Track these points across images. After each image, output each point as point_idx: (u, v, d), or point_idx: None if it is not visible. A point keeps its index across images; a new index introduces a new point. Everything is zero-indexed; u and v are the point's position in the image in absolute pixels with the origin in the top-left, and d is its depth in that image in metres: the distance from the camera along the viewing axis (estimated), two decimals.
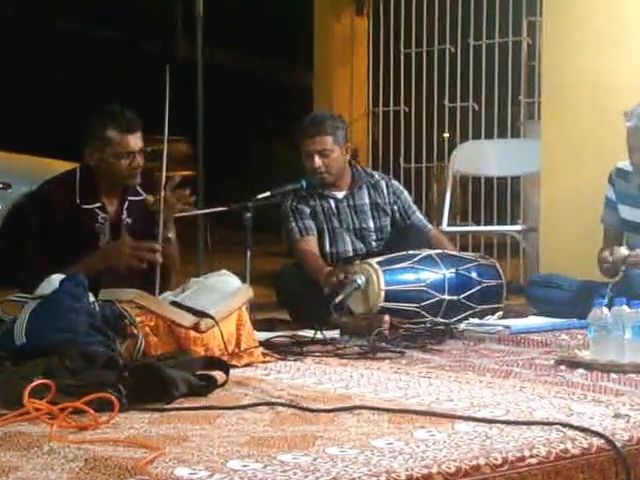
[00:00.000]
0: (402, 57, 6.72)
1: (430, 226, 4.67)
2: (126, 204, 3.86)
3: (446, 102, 6.56)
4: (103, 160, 3.77)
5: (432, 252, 4.19)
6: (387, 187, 4.57)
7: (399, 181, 4.96)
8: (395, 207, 4.55)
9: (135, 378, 2.60)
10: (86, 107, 3.89)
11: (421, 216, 4.62)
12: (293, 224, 4.41)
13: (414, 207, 4.61)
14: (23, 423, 2.39)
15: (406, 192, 4.66)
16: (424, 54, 6.63)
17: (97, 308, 3.04)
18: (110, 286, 3.34)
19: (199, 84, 5.22)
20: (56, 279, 3.09)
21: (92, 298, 3.06)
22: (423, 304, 4.03)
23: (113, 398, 2.45)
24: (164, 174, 3.74)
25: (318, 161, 4.37)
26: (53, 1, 13.68)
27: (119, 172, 3.77)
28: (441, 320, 4.00)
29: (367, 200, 4.52)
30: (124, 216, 3.85)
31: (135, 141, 3.77)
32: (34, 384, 2.47)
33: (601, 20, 4.97)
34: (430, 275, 4.09)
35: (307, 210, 4.44)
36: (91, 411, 2.40)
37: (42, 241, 3.74)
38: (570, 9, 5.09)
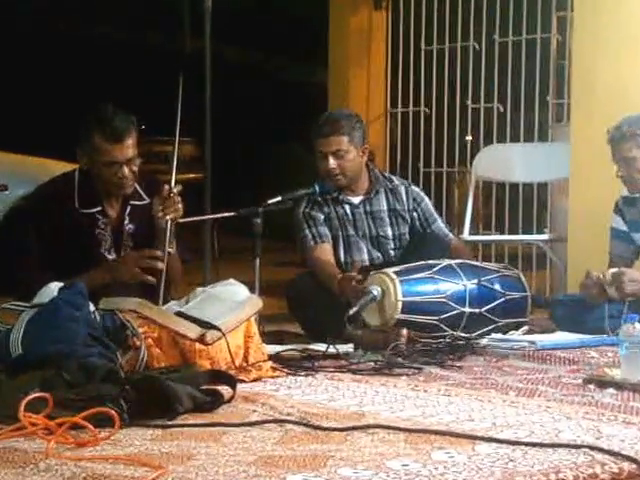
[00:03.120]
0: (423, 54, 6.72)
1: (451, 235, 4.66)
2: (128, 209, 3.87)
3: (469, 103, 6.55)
4: (90, 165, 3.79)
5: (453, 262, 4.18)
6: (407, 193, 4.57)
7: (418, 186, 4.96)
8: (415, 214, 4.55)
9: (137, 392, 2.62)
10: (87, 106, 3.89)
11: (442, 225, 4.62)
12: (306, 231, 4.42)
13: (435, 215, 4.61)
14: (18, 439, 2.40)
15: (427, 199, 4.66)
16: (446, 51, 6.63)
17: (97, 318, 3.05)
18: (111, 295, 3.35)
19: (207, 82, 5.24)
20: (54, 287, 3.11)
21: (92, 307, 3.08)
22: (443, 317, 4.03)
23: (113, 413, 2.46)
24: (174, 177, 3.75)
25: (332, 162, 4.37)
26: None
27: (105, 181, 3.77)
28: (462, 334, 3.99)
29: (385, 206, 4.52)
30: (126, 221, 3.86)
31: (122, 151, 3.71)
32: (30, 397, 2.49)
33: (637, 15, 4.96)
34: (450, 286, 4.09)
35: (321, 216, 4.45)
36: (90, 427, 2.41)
37: (40, 247, 3.75)
38: (603, 4, 5.09)
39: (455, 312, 4.05)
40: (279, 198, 4.24)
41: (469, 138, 6.67)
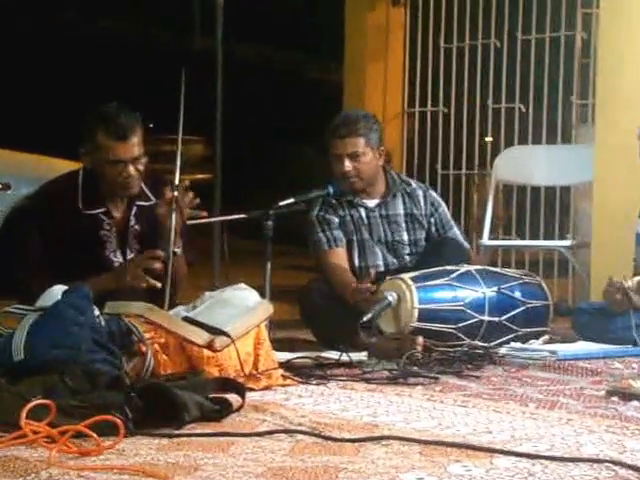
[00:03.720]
0: (442, 52, 6.72)
1: (467, 245, 4.65)
2: (134, 210, 3.87)
3: (489, 103, 6.54)
4: (94, 165, 3.78)
5: (472, 268, 4.18)
6: (424, 197, 4.57)
7: (435, 189, 4.96)
8: (432, 220, 4.54)
9: (142, 400, 2.62)
10: (92, 103, 3.89)
11: (459, 232, 4.61)
12: (320, 234, 4.42)
13: (452, 222, 4.61)
14: (20, 447, 2.41)
15: (444, 205, 4.66)
16: (466, 49, 6.63)
17: (102, 322, 3.06)
18: (117, 299, 3.36)
19: (218, 79, 5.26)
20: (58, 290, 3.12)
21: (97, 311, 3.08)
22: (460, 325, 4.02)
23: (118, 421, 2.47)
24: (178, 176, 3.75)
25: (348, 165, 4.37)
26: None
27: (111, 181, 3.76)
28: (480, 343, 3.99)
29: (402, 210, 4.52)
30: (132, 223, 3.86)
31: (127, 149, 3.71)
32: (32, 404, 2.49)
33: None
34: (469, 293, 4.08)
35: (336, 219, 4.45)
36: (94, 435, 2.41)
37: (43, 248, 3.76)
38: (630, 1, 5.07)
39: (473, 320, 4.05)
40: (291, 200, 4.24)
41: (489, 139, 6.66)
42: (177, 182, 3.73)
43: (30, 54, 13.28)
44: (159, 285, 3.64)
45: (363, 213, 4.48)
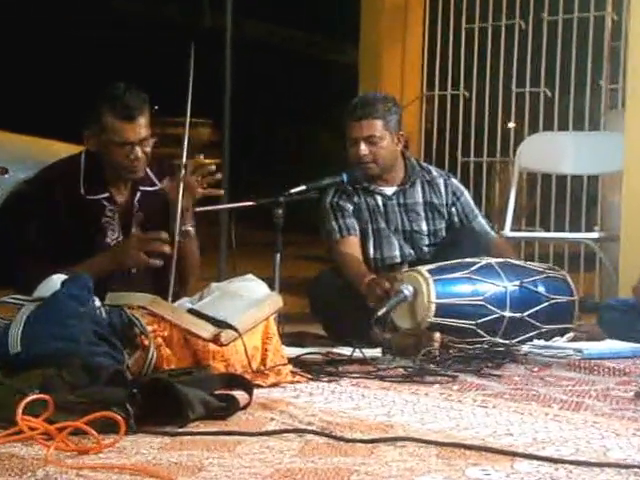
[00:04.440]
0: (463, 33, 6.70)
1: (493, 233, 4.65)
2: (138, 195, 3.88)
3: (513, 87, 6.53)
4: (99, 147, 3.79)
5: (493, 261, 4.17)
6: (445, 185, 4.56)
7: (455, 178, 4.95)
8: (453, 209, 4.53)
9: (145, 396, 2.62)
10: (96, 84, 3.90)
11: (484, 221, 4.60)
12: (333, 223, 4.42)
13: (476, 210, 4.60)
14: (15, 444, 2.41)
15: (467, 192, 4.65)
16: (489, 30, 6.61)
17: (103, 314, 3.06)
18: (119, 289, 3.36)
19: (227, 59, 5.25)
20: (57, 279, 3.12)
21: (98, 303, 3.09)
22: (480, 321, 4.02)
23: (119, 418, 2.47)
24: (184, 159, 3.75)
25: (364, 149, 4.37)
26: None
27: (117, 164, 3.78)
28: (501, 340, 3.99)
29: (421, 199, 4.51)
30: (135, 209, 3.87)
31: (135, 130, 3.73)
32: (29, 399, 2.49)
33: None
34: (489, 288, 4.08)
35: (350, 207, 4.45)
36: (93, 432, 2.42)
37: (42, 236, 3.77)
38: None
39: (494, 316, 4.04)
40: (303, 187, 4.23)
41: (512, 125, 6.65)
42: (184, 161, 3.74)
43: (30, 32, 13.30)
44: (160, 263, 3.65)
45: (380, 201, 4.47)
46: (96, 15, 13.97)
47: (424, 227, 4.48)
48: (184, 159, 3.75)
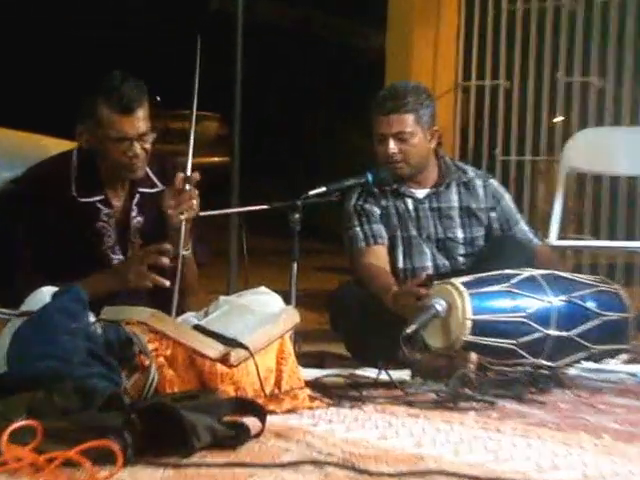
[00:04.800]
0: (504, 15, 6.71)
1: (537, 240, 4.65)
2: (136, 198, 3.90)
3: (560, 76, 6.53)
4: (94, 144, 3.81)
5: (536, 273, 4.17)
6: (484, 187, 4.57)
7: (495, 179, 4.95)
8: (493, 214, 4.54)
9: (145, 422, 2.63)
10: (92, 74, 3.92)
11: (526, 228, 4.61)
12: (357, 229, 4.43)
13: (518, 216, 4.61)
14: (0, 476, 2.42)
15: (508, 195, 4.65)
16: (534, 12, 6.62)
17: (98, 330, 3.08)
18: (116, 303, 3.38)
19: (238, 45, 5.27)
20: (47, 291, 3.14)
21: (92, 318, 3.10)
22: (522, 340, 4.02)
23: (116, 448, 2.48)
24: (190, 160, 3.76)
25: (393, 146, 4.38)
26: None
27: (113, 162, 3.80)
28: (545, 362, 3.99)
29: (456, 202, 4.52)
30: (134, 213, 3.90)
31: (133, 124, 3.75)
32: (15, 426, 2.51)
33: None
34: (532, 303, 4.07)
35: (377, 211, 4.46)
36: (87, 463, 2.43)
37: (30, 242, 3.79)
38: None
39: (537, 335, 4.04)
40: (323, 189, 4.23)
41: (559, 119, 6.65)
42: (189, 170, 3.74)
43: (17, 20, 13.37)
44: (167, 284, 3.67)
45: (410, 205, 4.48)
46: None
47: (460, 234, 4.49)
48: (189, 166, 3.75)
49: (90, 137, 3.81)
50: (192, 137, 3.84)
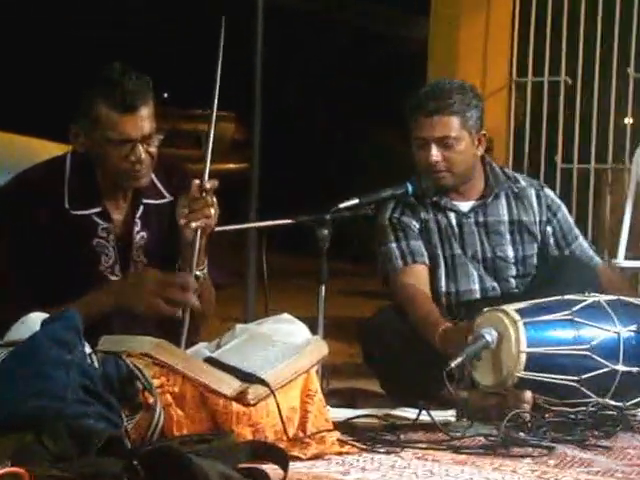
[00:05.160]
0: (565, 2, 6.70)
1: (598, 259, 4.64)
2: (140, 210, 3.90)
3: (631, 71, 6.52)
4: (91, 147, 3.79)
5: (602, 298, 4.16)
6: (537, 198, 4.57)
7: (553, 188, 4.95)
8: (548, 229, 4.54)
9: (148, 470, 2.64)
10: (90, 68, 3.91)
11: (586, 244, 4.61)
12: (393, 245, 4.43)
13: (577, 231, 4.60)
14: None
15: (564, 207, 4.65)
16: None
17: (96, 363, 3.08)
18: (116, 331, 3.39)
19: (258, 36, 5.28)
20: (36, 318, 3.15)
21: (89, 348, 3.11)
22: (585, 377, 4.00)
23: None
24: (208, 167, 3.75)
25: (436, 153, 4.37)
26: None
27: (113, 168, 3.77)
28: (611, 402, 3.98)
29: (506, 216, 4.51)
30: (137, 228, 3.89)
31: (136, 124, 3.73)
32: (0, 472, 2.51)
33: None
34: (597, 333, 4.06)
35: (416, 225, 4.46)
36: None
37: (17, 260, 3.79)
38: None
39: (603, 370, 4.03)
40: (355, 200, 4.23)
41: (629, 121, 6.63)
42: (206, 176, 3.74)
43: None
44: (179, 314, 3.65)
45: (454, 219, 4.48)
46: None
47: (510, 253, 4.49)
48: (206, 174, 3.75)
49: (86, 139, 3.80)
50: (211, 138, 3.84)
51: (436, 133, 4.37)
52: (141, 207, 3.89)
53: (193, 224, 3.71)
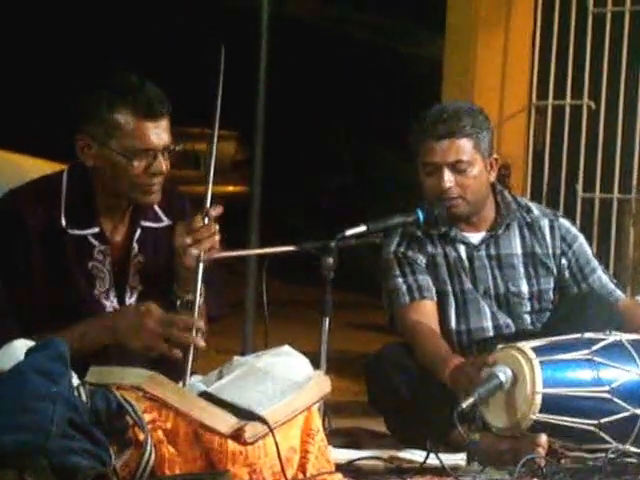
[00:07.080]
0: (590, 20, 6.71)
1: (619, 293, 4.63)
2: (138, 232, 3.89)
3: None
4: (104, 159, 3.75)
5: (624, 337, 4.16)
6: (551, 228, 4.56)
7: (572, 219, 4.94)
8: (564, 261, 4.53)
9: None
10: (85, 83, 3.90)
11: (606, 277, 4.60)
12: (399, 280, 4.43)
13: (595, 262, 4.60)
14: None
15: (582, 238, 4.64)
16: (626, 15, 6.62)
17: (83, 396, 3.08)
18: (104, 361, 3.38)
19: (262, 48, 5.30)
20: (20, 346, 3.15)
21: (76, 380, 3.10)
22: (604, 421, 4.00)
23: None
24: (210, 191, 3.75)
25: (449, 178, 4.37)
26: None
27: (129, 181, 3.74)
28: (633, 449, 3.97)
29: (519, 249, 4.51)
30: (134, 251, 3.88)
31: (159, 133, 3.72)
32: None
33: None
34: (619, 374, 4.06)
35: (423, 260, 4.45)
36: None
37: (7, 283, 3.78)
38: None
39: (624, 414, 4.02)
40: (363, 228, 4.22)
41: None
42: (209, 201, 3.73)
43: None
44: (180, 355, 3.63)
45: (463, 252, 4.48)
46: None
47: (525, 287, 4.48)
48: (209, 198, 3.74)
49: (99, 150, 3.75)
50: (212, 161, 3.83)
51: (448, 158, 4.36)
52: (139, 230, 3.88)
53: (194, 251, 3.70)
